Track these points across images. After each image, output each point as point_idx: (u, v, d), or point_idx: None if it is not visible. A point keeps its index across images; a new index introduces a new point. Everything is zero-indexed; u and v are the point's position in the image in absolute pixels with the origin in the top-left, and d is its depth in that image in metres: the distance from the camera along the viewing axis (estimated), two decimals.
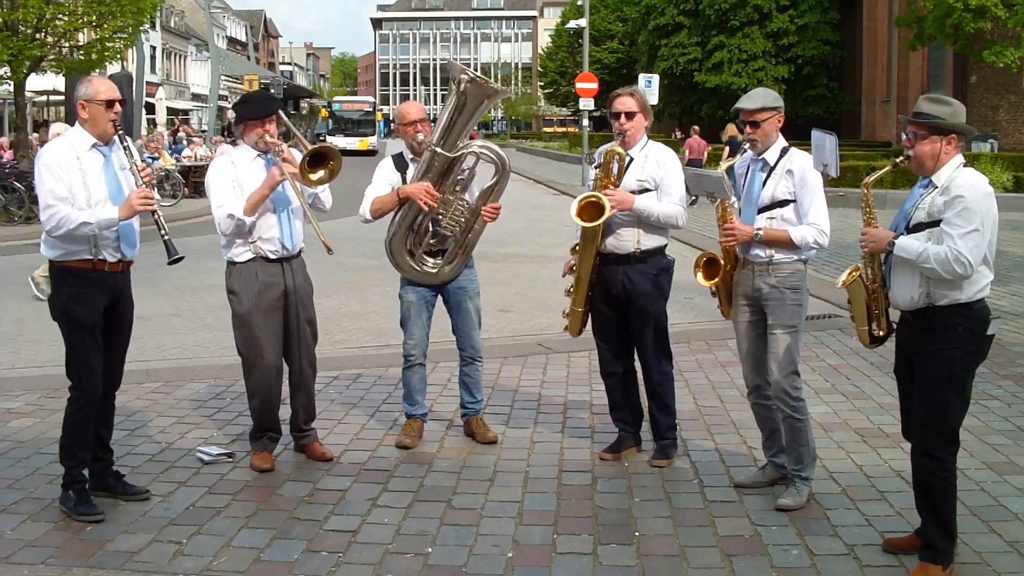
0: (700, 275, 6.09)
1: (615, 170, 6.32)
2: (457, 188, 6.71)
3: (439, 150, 6.60)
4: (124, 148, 5.75)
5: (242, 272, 6.35)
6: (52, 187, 5.50)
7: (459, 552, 5.20)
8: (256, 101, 6.57)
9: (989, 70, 37.75)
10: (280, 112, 6.50)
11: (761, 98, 5.85)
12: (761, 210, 5.79)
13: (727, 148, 29.60)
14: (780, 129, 5.87)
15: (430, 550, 5.23)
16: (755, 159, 5.89)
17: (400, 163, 6.89)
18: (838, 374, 8.77)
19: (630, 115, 6.35)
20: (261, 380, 6.44)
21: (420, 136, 6.74)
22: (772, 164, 5.80)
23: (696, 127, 36.42)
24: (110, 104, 5.65)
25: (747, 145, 5.95)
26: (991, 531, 5.44)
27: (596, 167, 6.45)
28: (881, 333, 5.15)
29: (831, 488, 6.04)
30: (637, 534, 5.44)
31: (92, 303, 5.66)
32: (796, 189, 5.73)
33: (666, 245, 6.54)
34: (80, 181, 5.56)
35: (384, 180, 6.87)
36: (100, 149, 5.70)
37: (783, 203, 5.75)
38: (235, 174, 6.32)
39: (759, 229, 5.72)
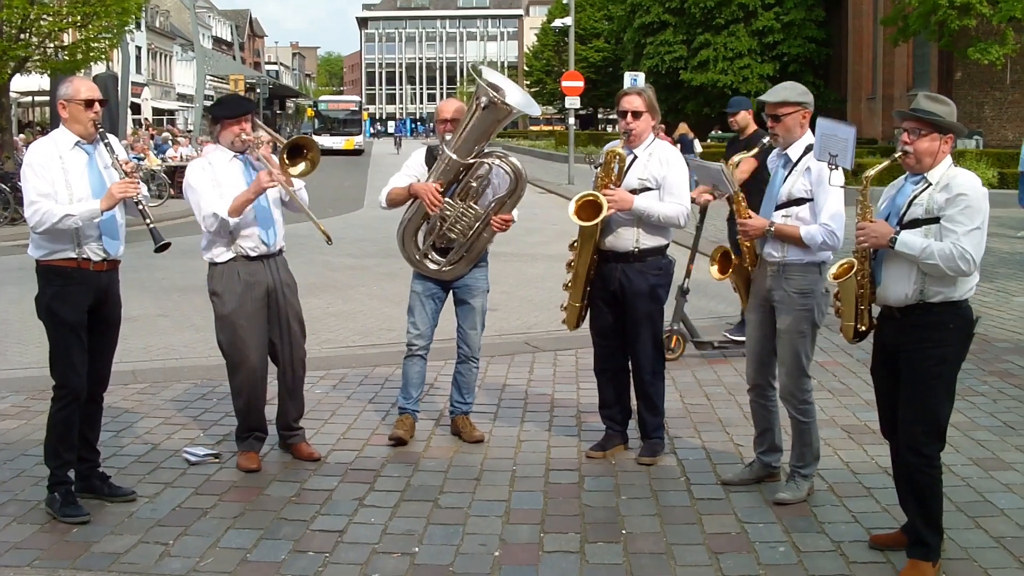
0: (715, 268, 6.07)
1: (616, 170, 6.31)
2: (467, 195, 6.68)
3: (452, 155, 6.60)
4: (106, 146, 5.74)
5: (224, 273, 6.32)
6: (35, 184, 5.53)
7: (446, 551, 5.20)
8: (230, 101, 6.61)
9: (974, 67, 37.94)
10: (253, 114, 6.49)
11: (783, 92, 5.78)
12: (778, 207, 5.73)
13: (678, 145, 29.72)
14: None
15: (417, 549, 5.23)
16: (780, 154, 5.84)
17: (430, 157, 6.90)
18: (824, 371, 8.79)
19: (637, 114, 6.33)
20: (246, 381, 6.41)
21: (448, 136, 6.73)
22: (794, 161, 5.74)
23: (663, 124, 36.61)
24: (90, 104, 5.65)
25: (766, 139, 5.94)
26: (977, 527, 5.46)
27: (597, 167, 6.44)
28: (863, 328, 5.15)
29: (818, 485, 6.04)
30: (624, 532, 5.44)
31: (76, 302, 5.65)
32: (813, 188, 5.63)
33: (667, 245, 6.52)
34: (63, 179, 5.57)
35: (411, 171, 6.88)
36: (84, 147, 5.71)
37: (799, 201, 5.66)
38: (213, 175, 6.29)
39: (772, 224, 5.69)
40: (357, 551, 5.20)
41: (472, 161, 6.62)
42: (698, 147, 29.35)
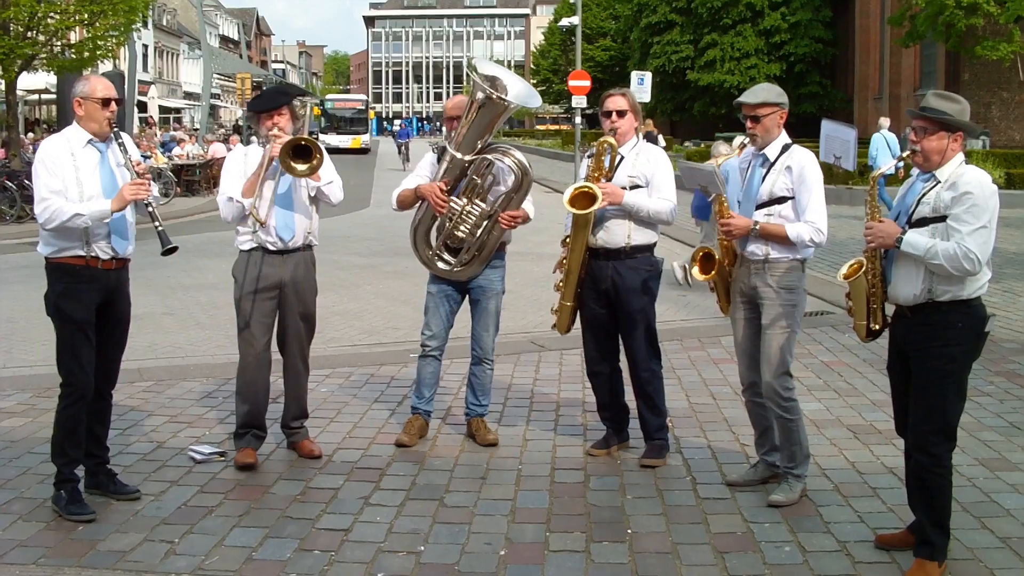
0: (696, 269, 6.09)
1: (607, 162, 6.33)
2: (473, 192, 6.66)
3: (455, 153, 6.59)
4: (120, 145, 5.76)
5: (244, 260, 6.47)
6: (47, 181, 5.54)
7: (452, 550, 5.20)
8: (265, 95, 6.72)
9: (981, 67, 37.86)
10: (296, 103, 6.57)
11: (763, 93, 5.86)
12: (759, 206, 5.78)
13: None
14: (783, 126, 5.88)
15: (423, 548, 5.23)
16: (756, 154, 5.89)
17: (441, 156, 6.88)
18: (830, 371, 8.78)
19: (621, 113, 6.38)
20: (246, 367, 6.51)
21: (452, 134, 6.74)
22: (772, 160, 5.79)
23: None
24: (106, 103, 5.67)
25: (746, 140, 5.95)
26: (983, 527, 5.45)
27: (589, 156, 6.46)
28: (877, 327, 5.14)
29: (823, 485, 6.04)
30: (630, 531, 5.44)
31: (84, 300, 5.65)
32: (794, 186, 5.71)
33: (655, 243, 6.53)
34: (74, 176, 5.59)
35: (423, 171, 6.90)
36: (96, 145, 5.72)
37: (781, 200, 5.73)
38: (244, 166, 6.42)
39: (756, 223, 5.72)
40: (363, 550, 5.20)
41: (473, 158, 6.60)
42: (662, 141, 29.70)
